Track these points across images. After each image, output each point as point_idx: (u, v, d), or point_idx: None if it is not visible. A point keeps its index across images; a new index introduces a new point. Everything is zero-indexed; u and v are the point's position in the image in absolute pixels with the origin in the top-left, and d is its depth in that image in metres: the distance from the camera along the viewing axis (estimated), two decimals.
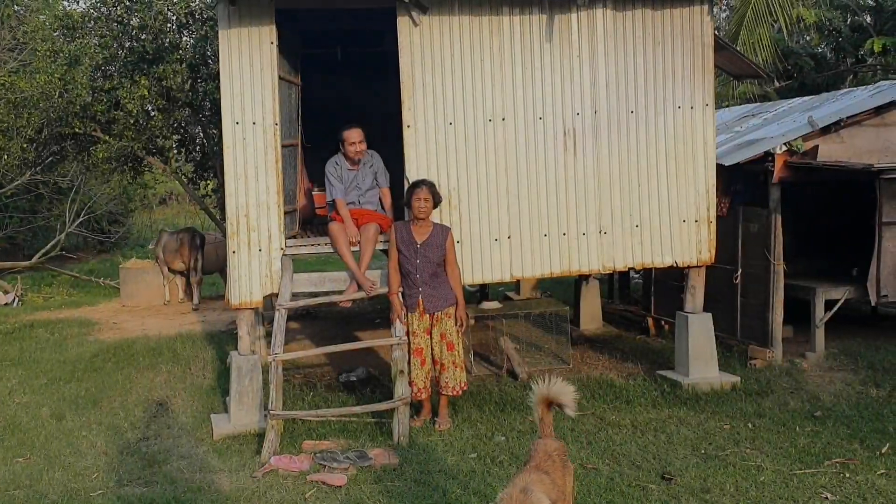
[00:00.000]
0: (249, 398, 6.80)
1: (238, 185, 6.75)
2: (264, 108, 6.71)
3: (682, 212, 7.45)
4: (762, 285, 8.42)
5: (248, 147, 6.73)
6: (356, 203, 7.14)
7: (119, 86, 12.34)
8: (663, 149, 7.37)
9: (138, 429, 6.92)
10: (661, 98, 7.34)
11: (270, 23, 6.66)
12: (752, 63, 9.04)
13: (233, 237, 6.78)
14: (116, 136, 12.79)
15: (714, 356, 7.71)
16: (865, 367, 7.99)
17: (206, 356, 9.30)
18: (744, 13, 14.50)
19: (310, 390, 7.79)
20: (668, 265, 7.53)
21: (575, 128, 7.19)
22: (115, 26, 12.41)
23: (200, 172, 14.80)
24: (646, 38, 7.28)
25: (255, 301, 6.82)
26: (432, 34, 6.90)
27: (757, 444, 6.08)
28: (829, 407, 6.88)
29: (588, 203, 7.25)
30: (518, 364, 8.17)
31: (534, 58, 7.08)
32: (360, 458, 5.89)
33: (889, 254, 8.13)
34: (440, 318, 6.59)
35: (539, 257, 7.21)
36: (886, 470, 5.42)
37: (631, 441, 6.21)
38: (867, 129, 8.39)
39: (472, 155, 7.04)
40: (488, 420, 6.78)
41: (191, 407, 7.49)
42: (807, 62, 18.50)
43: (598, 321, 10.47)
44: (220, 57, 6.67)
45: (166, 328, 11.13)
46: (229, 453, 6.28)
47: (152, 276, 13.54)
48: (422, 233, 6.56)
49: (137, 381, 8.32)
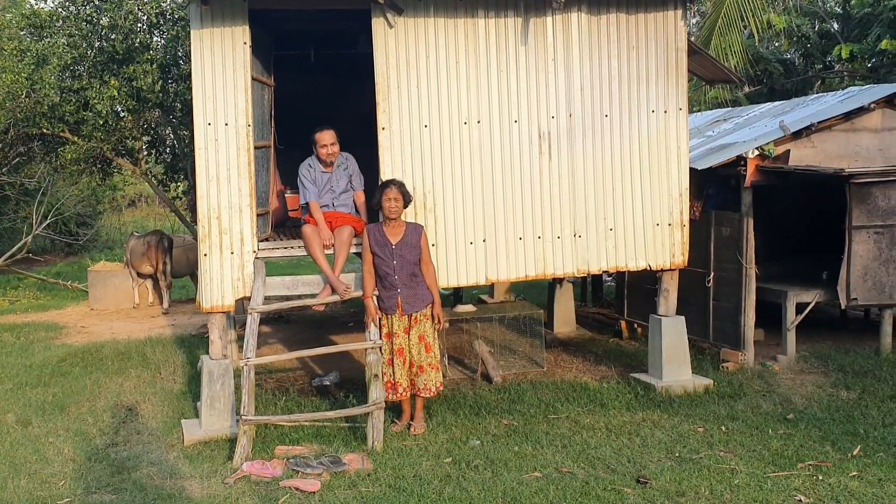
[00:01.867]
0: (221, 403, 6.71)
1: (210, 186, 6.66)
2: (237, 109, 6.63)
3: (655, 215, 7.47)
4: (734, 288, 8.48)
5: (220, 148, 6.64)
6: (330, 206, 7.08)
7: (88, 86, 12.18)
8: (637, 153, 7.40)
9: (107, 435, 6.80)
10: (635, 102, 7.36)
11: (244, 23, 6.59)
12: (725, 68, 9.10)
13: (204, 240, 6.68)
14: (85, 137, 12.63)
15: (687, 359, 7.74)
16: (836, 369, 8.07)
17: (177, 360, 9.17)
18: (715, 19, 14.63)
19: (282, 395, 7.70)
20: (641, 268, 7.55)
21: (550, 131, 7.18)
22: (84, 25, 12.24)
23: (171, 174, 14.67)
24: (620, 42, 7.30)
25: (226, 305, 6.73)
26: (407, 36, 6.86)
27: (730, 446, 6.10)
28: (800, 409, 6.93)
29: (563, 206, 7.25)
30: (492, 367, 8.15)
31: (509, 61, 7.07)
32: (334, 464, 5.83)
33: (859, 258, 8.23)
34: (418, 319, 6.55)
35: (514, 261, 7.19)
36: (858, 472, 5.46)
37: (606, 444, 6.21)
38: (837, 133, 8.49)
39: (448, 158, 7.01)
40: (463, 424, 6.75)
41: (161, 412, 7.37)
42: (776, 68, 18.74)
43: (571, 324, 10.49)
44: (192, 57, 6.58)
45: (135, 332, 10.97)
46: (200, 459, 6.18)
47: (121, 279, 13.36)
48: (395, 233, 6.51)
49: (106, 386, 8.18)
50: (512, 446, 6.19)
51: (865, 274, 8.25)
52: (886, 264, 8.25)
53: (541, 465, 5.80)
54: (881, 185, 8.15)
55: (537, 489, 5.31)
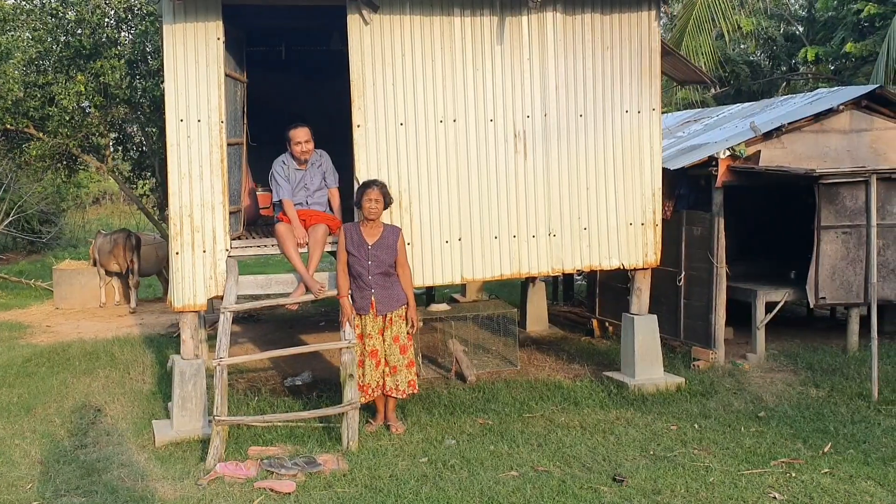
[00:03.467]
0: (193, 403, 6.61)
1: (182, 184, 6.57)
2: (210, 105, 6.54)
3: (629, 215, 7.51)
4: (705, 288, 8.56)
5: (192, 145, 6.55)
6: (304, 204, 7.01)
7: (54, 81, 11.97)
8: (611, 152, 7.43)
9: (75, 436, 6.67)
10: (609, 102, 7.39)
11: (217, 18, 6.50)
12: (698, 69, 9.19)
13: (176, 238, 6.59)
14: (51, 134, 12.40)
15: (659, 357, 7.79)
16: (805, 367, 8.18)
17: (146, 360, 9.03)
18: (687, 20, 14.77)
19: (254, 395, 7.62)
20: (615, 267, 7.58)
21: (525, 130, 7.19)
22: (49, 20, 12.02)
23: (138, 171, 14.46)
24: (594, 42, 7.32)
25: (198, 304, 6.64)
26: (383, 33, 6.82)
27: (704, 444, 6.15)
28: (771, 407, 7.01)
29: (538, 205, 7.25)
30: (466, 367, 8.13)
31: (485, 59, 7.06)
32: (309, 464, 5.77)
33: (827, 257, 8.35)
34: (393, 320, 6.51)
35: (489, 259, 7.19)
36: (830, 469, 5.53)
37: (581, 443, 6.23)
38: (807, 134, 8.60)
39: (423, 156, 6.98)
40: (438, 423, 6.73)
41: (130, 413, 7.25)
42: (743, 69, 18.99)
43: (544, 323, 10.52)
44: (164, 53, 6.48)
45: (103, 331, 10.79)
46: (172, 460, 6.09)
47: (87, 277, 13.13)
48: (372, 234, 6.47)
49: (74, 387, 8.03)
50: (488, 445, 6.19)
51: (833, 273, 8.37)
52: (854, 264, 8.38)
53: (517, 464, 5.80)
54: (849, 185, 8.27)
55: (514, 488, 5.30)
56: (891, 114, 8.84)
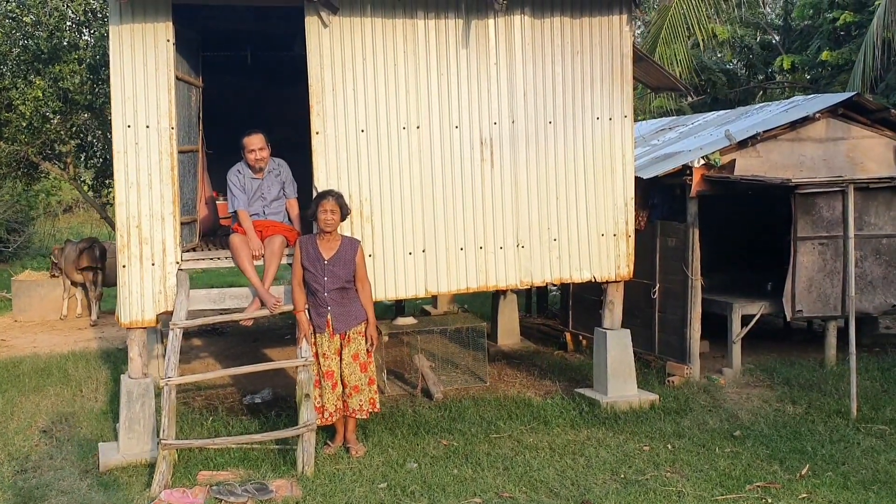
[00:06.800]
0: (141, 425, 6.26)
1: (129, 193, 6.23)
2: (159, 110, 6.21)
3: (600, 225, 7.25)
4: (680, 300, 8.31)
5: (140, 152, 6.22)
6: (261, 214, 6.69)
7: (11, 86, 11.57)
8: (581, 161, 7.16)
9: (16, 460, 6.30)
10: (580, 108, 7.13)
11: (167, 19, 6.17)
12: (671, 75, 8.96)
13: (123, 250, 6.25)
14: (8, 140, 12.00)
15: (633, 373, 7.52)
16: (781, 382, 7.94)
17: (100, 377, 8.67)
18: (661, 26, 14.59)
19: (210, 414, 7.27)
20: (586, 280, 7.31)
21: (492, 137, 6.91)
22: (6, 22, 11.63)
23: (102, 179, 14.06)
24: (564, 46, 7.06)
25: (147, 320, 6.30)
26: (343, 36, 6.53)
27: (677, 466, 5.88)
28: (747, 426, 6.75)
29: (505, 216, 6.97)
30: (433, 383, 7.83)
31: (450, 64, 6.78)
32: (260, 491, 5.44)
33: (804, 269, 8.13)
34: (351, 337, 6.20)
35: (455, 272, 6.89)
36: (808, 493, 5.28)
37: (549, 465, 5.94)
38: (783, 143, 8.39)
39: (386, 164, 6.68)
40: (400, 445, 6.41)
41: (78, 434, 6.89)
42: (719, 77, 18.86)
43: (515, 336, 10.23)
44: (111, 54, 6.15)
45: (59, 345, 10.40)
46: (116, 487, 5.74)
47: (47, 288, 12.72)
48: (329, 248, 6.15)
49: (21, 406, 7.66)
50: (451, 469, 5.88)
51: (810, 285, 8.16)
52: (831, 276, 8.17)
53: (481, 490, 5.50)
54: (826, 195, 8.07)
55: None
56: (868, 122, 8.65)
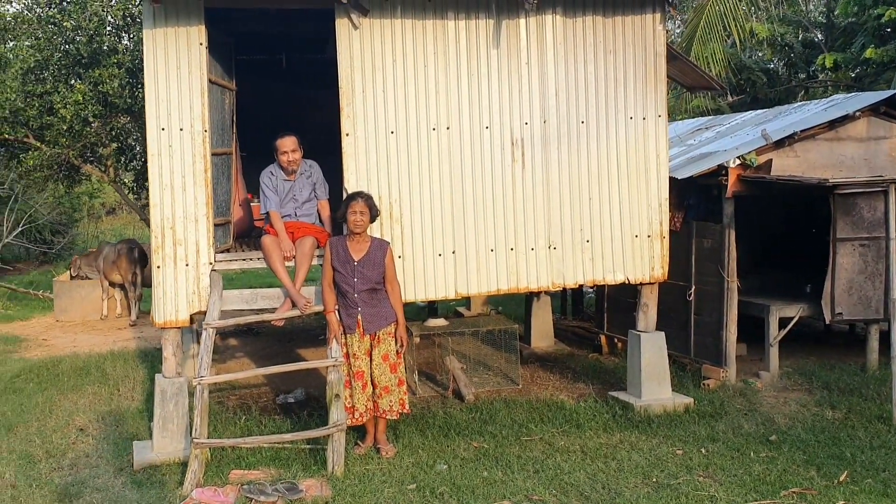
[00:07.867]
0: (174, 424, 6.33)
1: (164, 195, 6.30)
2: (192, 113, 6.28)
3: (634, 227, 7.16)
4: (716, 302, 8.18)
5: (174, 155, 6.28)
6: (292, 215, 6.73)
7: (53, 90, 11.80)
8: (615, 161, 7.09)
9: (54, 457, 6.41)
10: (613, 108, 7.06)
11: (199, 23, 6.24)
12: (706, 74, 8.83)
13: (157, 251, 6.32)
14: (50, 143, 12.24)
15: (667, 377, 7.42)
16: (820, 387, 7.78)
17: (137, 376, 8.79)
18: (696, 25, 14.38)
19: (244, 413, 7.34)
20: (619, 282, 7.23)
21: (523, 138, 6.87)
22: (48, 28, 11.86)
23: (141, 182, 14.28)
24: (597, 45, 7.00)
25: (181, 320, 6.36)
26: (373, 38, 6.54)
27: (710, 471, 5.78)
28: (784, 430, 6.62)
29: (537, 217, 6.92)
30: (464, 385, 7.80)
31: (480, 64, 6.76)
32: (291, 491, 5.46)
33: (843, 270, 7.96)
34: (381, 338, 6.20)
35: (485, 273, 6.86)
36: (846, 500, 5.15)
37: (580, 469, 5.87)
38: (821, 143, 8.22)
39: (415, 165, 6.68)
40: (431, 446, 6.40)
41: (114, 432, 6.99)
42: (759, 77, 18.55)
43: (549, 338, 10.16)
44: (145, 58, 6.23)
45: (99, 345, 10.56)
46: (149, 485, 5.80)
47: (88, 289, 12.94)
48: (359, 249, 6.16)
49: (59, 404, 7.79)
50: (481, 471, 5.85)
51: (851, 288, 7.97)
52: (872, 278, 7.98)
53: (510, 493, 5.46)
54: (866, 195, 7.88)
55: None
56: None
